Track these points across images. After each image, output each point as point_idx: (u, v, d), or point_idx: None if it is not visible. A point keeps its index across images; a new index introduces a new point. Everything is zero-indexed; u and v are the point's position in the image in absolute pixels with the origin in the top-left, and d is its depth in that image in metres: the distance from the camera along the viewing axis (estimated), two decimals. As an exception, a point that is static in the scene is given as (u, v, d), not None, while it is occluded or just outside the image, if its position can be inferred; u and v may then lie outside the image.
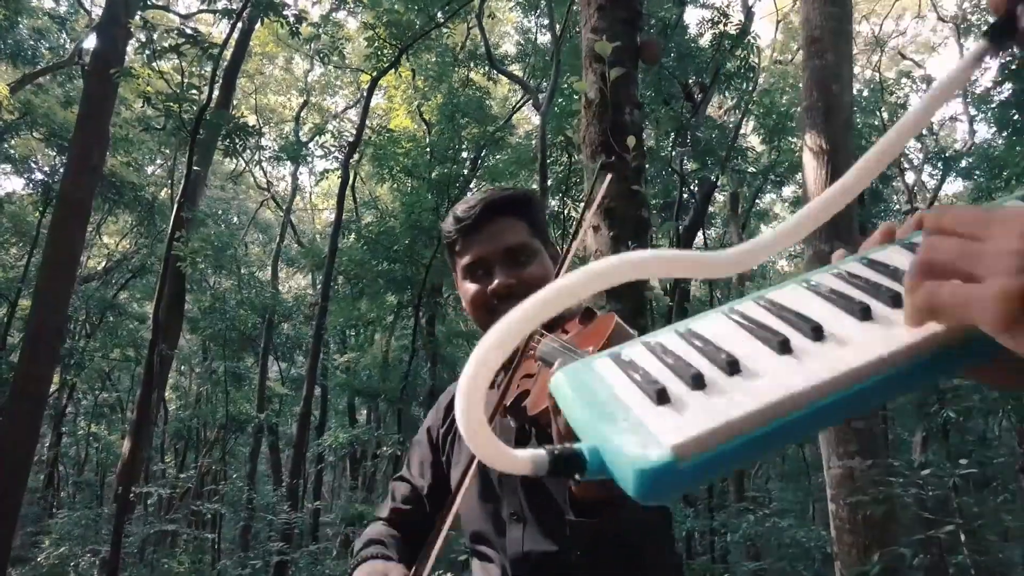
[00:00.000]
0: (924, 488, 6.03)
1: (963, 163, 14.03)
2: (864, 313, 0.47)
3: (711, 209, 16.20)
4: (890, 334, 0.45)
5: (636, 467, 0.40)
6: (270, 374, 19.76)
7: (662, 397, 0.43)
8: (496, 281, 1.36)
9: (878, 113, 14.59)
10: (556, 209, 12.43)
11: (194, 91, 8.77)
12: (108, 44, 9.82)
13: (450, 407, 1.58)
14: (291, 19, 9.03)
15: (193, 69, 10.18)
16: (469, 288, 1.42)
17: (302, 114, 20.05)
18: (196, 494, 15.82)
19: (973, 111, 15.71)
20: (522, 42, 17.06)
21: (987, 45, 0.52)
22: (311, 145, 15.55)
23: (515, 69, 16.29)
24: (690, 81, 12.75)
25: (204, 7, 13.41)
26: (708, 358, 0.46)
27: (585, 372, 0.50)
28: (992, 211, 0.43)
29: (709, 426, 0.41)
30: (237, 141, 9.37)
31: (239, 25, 10.51)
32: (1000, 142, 12.15)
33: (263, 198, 22.04)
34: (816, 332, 0.46)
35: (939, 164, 15.16)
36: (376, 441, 17.31)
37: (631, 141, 4.87)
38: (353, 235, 15.05)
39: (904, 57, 19.67)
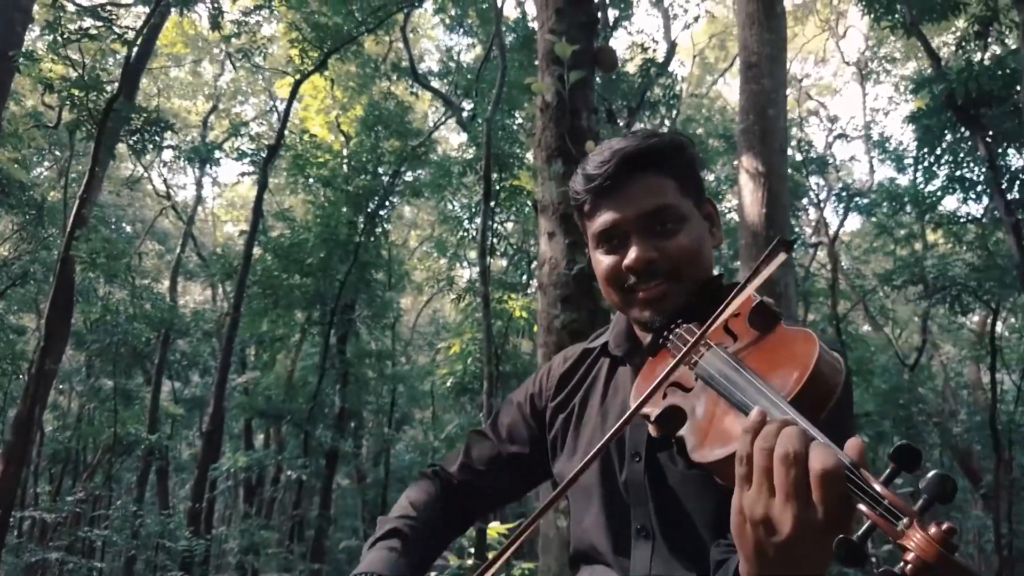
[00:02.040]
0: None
1: (864, 200, 14.79)
2: None
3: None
4: None
5: None
6: (162, 393, 18.51)
7: None
8: (633, 254, 1.10)
9: (788, 148, 15.22)
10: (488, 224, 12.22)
11: (98, 82, 8.06)
12: (5, 27, 8.94)
13: (566, 377, 1.31)
14: (210, 11, 8.49)
15: (96, 62, 9.41)
16: (601, 260, 1.15)
17: (210, 120, 19.11)
18: (75, 521, 14.49)
19: (874, 152, 16.68)
20: (445, 60, 16.93)
21: None
22: (225, 148, 14.76)
23: (437, 86, 16.11)
24: (616, 105, 12.90)
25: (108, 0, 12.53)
26: None
27: None
28: None
29: None
30: (147, 137, 8.66)
31: (150, 18, 9.82)
32: (900, 182, 12.88)
33: (162, 206, 20.79)
34: None
35: (842, 201, 15.95)
36: (278, 465, 16.45)
37: (589, 146, 4.71)
38: (261, 248, 14.36)
39: (810, 97, 20.77)
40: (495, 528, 4.78)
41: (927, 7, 8.90)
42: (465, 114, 14.60)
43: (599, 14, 14.00)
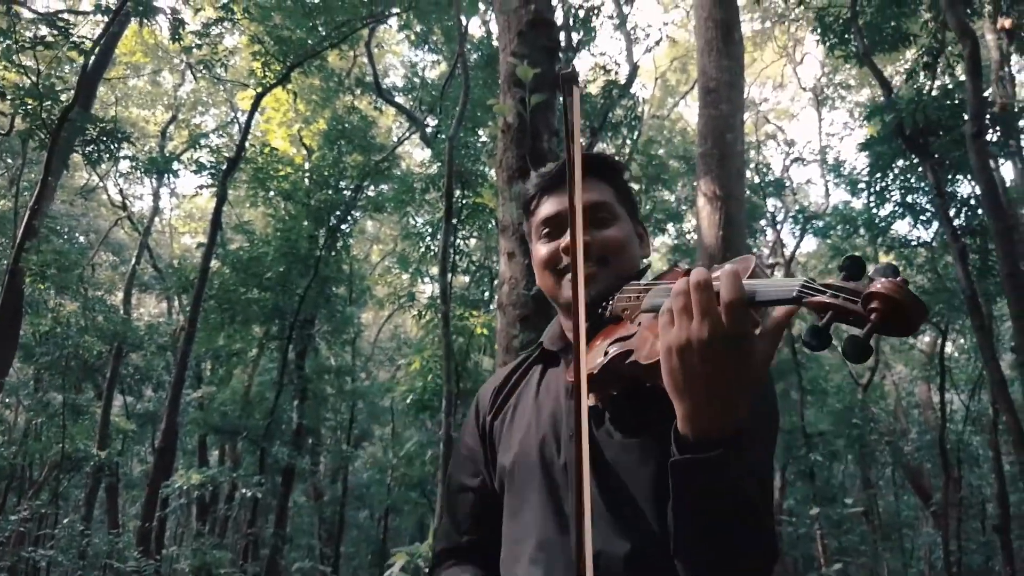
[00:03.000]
0: (807, 527, 6.25)
1: (820, 223, 15.13)
2: None
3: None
4: None
5: None
6: (113, 408, 18.02)
7: None
8: (568, 237, 1.19)
9: (746, 171, 15.54)
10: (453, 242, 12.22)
11: (51, 93, 7.88)
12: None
13: (500, 389, 1.39)
14: (171, 22, 8.37)
15: (52, 69, 9.21)
16: (540, 248, 1.29)
17: (169, 130, 18.80)
18: (19, 540, 13.98)
19: (829, 176, 17.12)
20: (409, 75, 16.94)
21: None
22: (183, 159, 14.52)
23: (401, 101, 16.09)
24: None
25: (68, 6, 12.28)
26: None
27: None
28: None
29: None
30: (102, 148, 8.47)
31: (108, 28, 9.64)
32: (854, 205, 13.21)
33: (117, 217, 20.34)
34: None
35: (798, 223, 16.30)
36: (232, 483, 16.11)
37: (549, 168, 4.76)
38: (219, 261, 14.12)
39: (768, 121, 21.26)
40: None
41: (879, 38, 9.21)
42: (429, 130, 14.61)
43: (562, 37, 14.22)
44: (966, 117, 5.46)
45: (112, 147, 8.92)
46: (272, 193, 13.80)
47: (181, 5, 9.34)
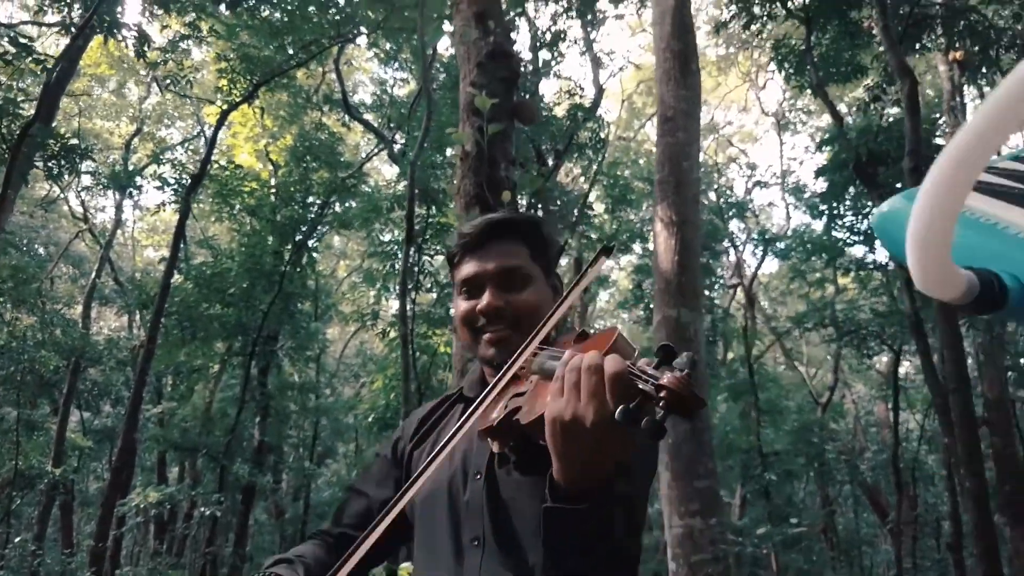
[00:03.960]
0: (756, 546, 6.38)
1: (781, 245, 15.48)
2: None
3: (557, 270, 16.69)
4: None
5: None
6: (70, 423, 17.65)
7: None
8: (485, 300, 1.33)
9: (709, 193, 15.84)
10: (412, 260, 12.26)
11: (12, 106, 7.81)
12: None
13: (424, 420, 1.50)
14: (135, 40, 8.34)
15: (14, 80, 9.11)
16: (460, 304, 1.39)
17: (133, 143, 18.59)
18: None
19: (790, 199, 17.54)
20: (378, 93, 17.00)
21: None
22: (144, 174, 14.39)
23: (370, 118, 16.14)
24: (544, 147, 13.21)
25: (30, 19, 12.12)
26: None
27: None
28: None
29: None
30: (63, 163, 8.39)
31: (73, 42, 9.57)
32: (814, 228, 13.56)
33: (79, 229, 20.02)
34: None
35: (759, 245, 16.64)
36: (191, 501, 15.86)
37: (506, 196, 4.87)
38: (182, 276, 13.98)
39: (731, 144, 21.69)
40: (406, 569, 4.79)
41: (833, 69, 9.54)
42: (397, 148, 14.68)
43: (529, 59, 14.44)
44: (906, 153, 5.72)
45: (74, 162, 8.84)
46: (237, 208, 13.72)
47: (147, 22, 9.28)
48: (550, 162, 13.55)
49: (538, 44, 13.66)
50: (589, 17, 13.71)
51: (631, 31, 21.26)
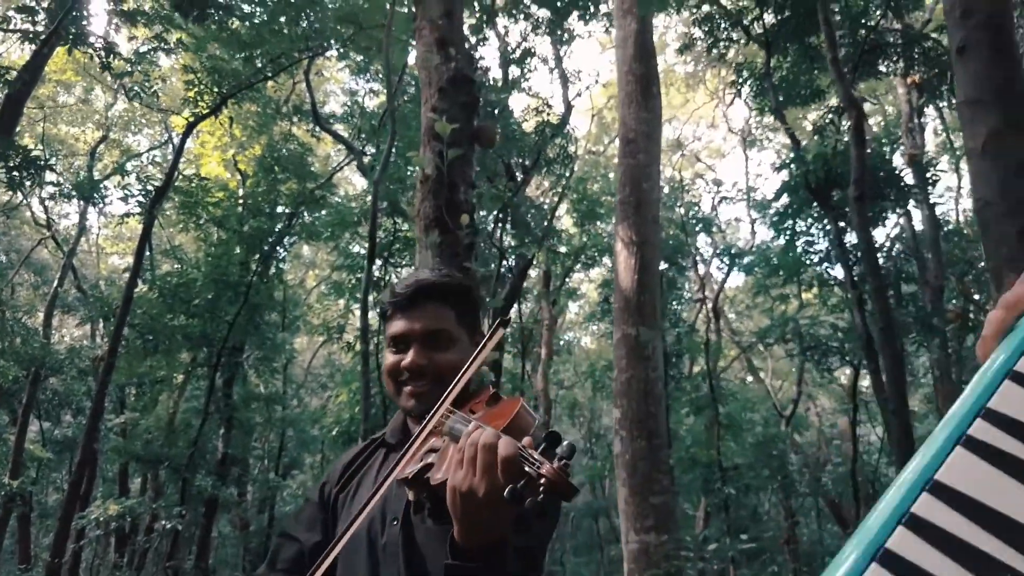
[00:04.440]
0: (709, 561, 6.50)
1: (746, 260, 15.73)
2: None
3: (525, 284, 16.81)
4: None
5: None
6: (29, 434, 17.32)
7: None
8: (409, 358, 1.44)
9: (676, 209, 16.07)
10: (378, 275, 12.27)
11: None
12: None
13: (348, 466, 1.59)
14: (101, 52, 8.30)
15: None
16: (388, 358, 1.50)
17: (99, 149, 18.36)
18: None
19: (755, 214, 17.84)
20: (348, 104, 17.00)
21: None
22: (108, 184, 14.22)
23: (340, 129, 16.13)
24: (513, 162, 13.33)
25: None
26: None
27: None
28: None
29: None
30: (24, 174, 8.31)
31: (37, 54, 9.48)
32: (776, 245, 13.81)
33: (41, 236, 19.70)
34: None
35: (725, 260, 16.90)
36: (152, 514, 15.63)
37: (464, 219, 4.96)
38: (146, 285, 13.83)
39: (699, 160, 22.04)
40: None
41: (794, 92, 9.80)
42: (367, 159, 14.69)
43: (499, 75, 14.59)
44: (852, 181, 5.93)
45: (36, 172, 8.75)
46: (204, 219, 13.63)
47: (113, 31, 9.24)
48: (519, 176, 13.68)
49: (508, 60, 13.81)
50: (559, 33, 13.88)
51: (601, 47, 21.54)
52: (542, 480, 0.96)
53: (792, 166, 9.29)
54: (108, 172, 16.53)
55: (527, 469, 0.99)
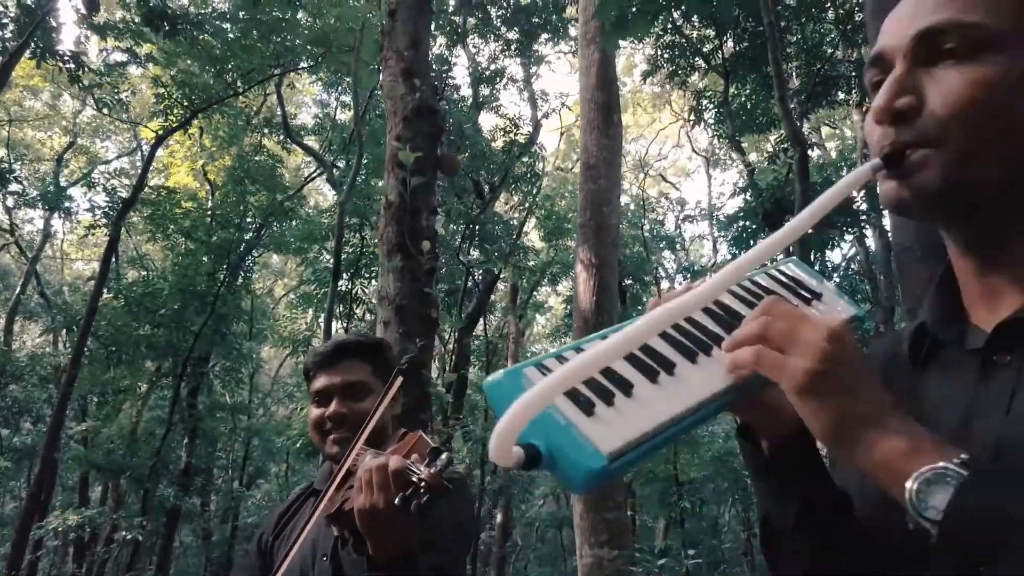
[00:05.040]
0: (663, 574, 6.74)
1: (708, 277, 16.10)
2: (708, 350, 0.70)
3: (492, 298, 17.01)
4: (719, 372, 0.68)
5: (583, 469, 0.58)
6: (-13, 442, 17.07)
7: (589, 411, 0.62)
8: (331, 408, 1.63)
9: (640, 226, 16.43)
10: (345, 288, 12.39)
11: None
12: None
13: (282, 515, 1.78)
14: (71, 65, 8.36)
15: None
16: (312, 411, 1.68)
17: (66, 156, 18.22)
18: None
19: (716, 233, 18.28)
20: (320, 116, 17.09)
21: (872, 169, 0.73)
22: (74, 192, 14.16)
23: (311, 141, 16.21)
24: (481, 179, 13.56)
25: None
26: (614, 383, 0.65)
27: (518, 379, 0.67)
28: (806, 314, 0.65)
29: (627, 438, 0.61)
30: (-11, 185, 8.31)
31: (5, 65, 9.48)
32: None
33: (4, 242, 19.45)
34: (668, 369, 0.68)
35: (688, 276, 17.30)
36: (112, 524, 15.49)
37: (426, 245, 5.17)
38: (111, 294, 13.76)
39: (665, 179, 22.50)
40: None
41: (751, 120, 10.18)
42: (336, 172, 14.80)
43: (468, 94, 14.85)
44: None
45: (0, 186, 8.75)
46: (171, 230, 13.61)
47: (84, 39, 9.28)
48: (487, 193, 13.92)
49: (479, 79, 14.07)
50: (528, 55, 14.17)
51: (571, 67, 21.90)
52: (423, 484, 1.18)
53: (747, 193, 9.65)
54: (75, 179, 16.43)
55: (413, 479, 1.20)
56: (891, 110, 0.69)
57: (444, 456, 1.20)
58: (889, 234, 14.27)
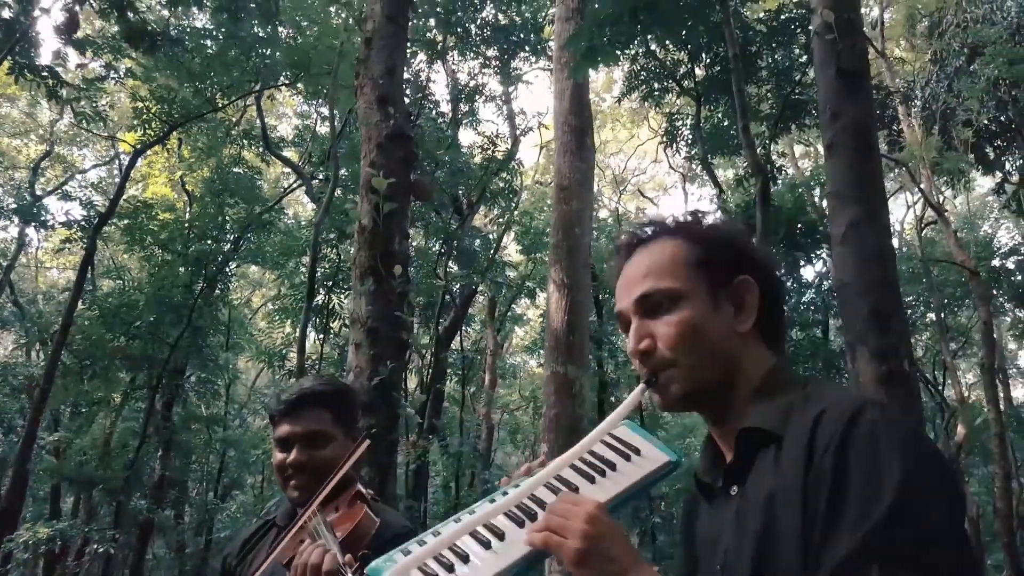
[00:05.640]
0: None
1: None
2: (521, 525, 0.97)
3: (471, 311, 17.13)
4: (523, 541, 0.95)
5: None
6: (-45, 453, 16.84)
7: None
8: (291, 456, 1.73)
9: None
10: (321, 302, 12.44)
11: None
12: None
13: (246, 541, 1.89)
14: (49, 81, 8.40)
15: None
16: (276, 455, 1.78)
17: (43, 164, 18.09)
18: None
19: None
20: (300, 128, 17.13)
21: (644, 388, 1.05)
22: (49, 202, 14.08)
23: (291, 153, 16.24)
24: (460, 194, 13.70)
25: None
26: (456, 555, 0.94)
27: (391, 560, 0.96)
28: (577, 505, 0.93)
29: None
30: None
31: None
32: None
33: (-23, 250, 19.24)
34: (501, 537, 0.95)
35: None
36: (84, 537, 15.35)
37: (398, 269, 5.28)
38: (86, 305, 13.69)
39: (643, 195, 22.77)
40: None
41: (719, 144, 10.43)
42: (315, 183, 14.83)
43: (448, 110, 14.98)
44: (756, 237, 6.43)
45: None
46: (148, 242, 13.59)
47: (63, 53, 9.27)
48: (465, 207, 14.06)
49: (459, 96, 14.22)
50: (507, 73, 14.35)
51: (550, 82, 22.09)
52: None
53: (717, 215, 9.86)
54: (50, 188, 16.33)
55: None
56: (637, 352, 1.03)
57: (371, 565, 1.36)
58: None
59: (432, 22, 13.46)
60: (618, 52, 6.32)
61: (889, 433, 0.84)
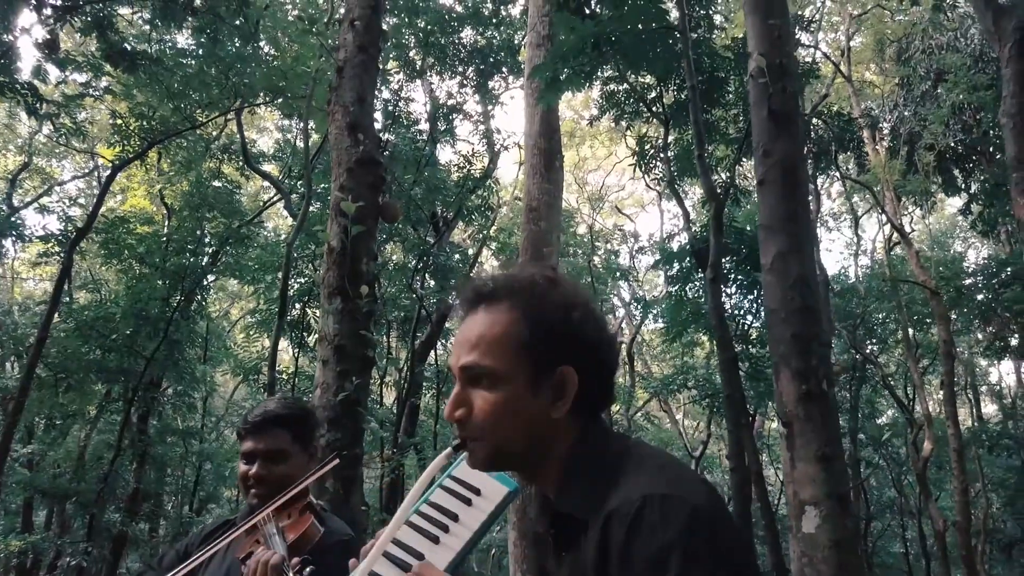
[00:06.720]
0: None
1: (658, 308, 16.69)
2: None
3: (447, 326, 17.31)
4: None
5: None
6: (-72, 465, 16.70)
7: None
8: (253, 470, 1.97)
9: (590, 260, 16.94)
10: (297, 316, 12.61)
11: None
12: None
13: (207, 537, 2.09)
14: (29, 98, 8.55)
15: None
16: (240, 467, 2.03)
17: (20, 176, 18.12)
18: None
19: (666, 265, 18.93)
20: (280, 142, 17.30)
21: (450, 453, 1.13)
22: (26, 214, 14.12)
23: (271, 167, 16.40)
24: (437, 210, 13.93)
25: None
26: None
27: None
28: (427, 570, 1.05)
29: None
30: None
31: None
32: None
33: (-47, 260, 19.18)
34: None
35: (640, 307, 17.85)
36: (57, 550, 15.30)
37: (364, 289, 5.50)
38: (62, 318, 13.73)
39: (620, 212, 23.16)
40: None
41: (686, 167, 10.76)
42: (295, 197, 14.98)
43: (426, 128, 15.24)
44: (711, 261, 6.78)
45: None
46: (125, 255, 13.66)
47: (43, 69, 9.40)
48: (441, 224, 14.30)
49: (436, 115, 14.49)
50: (485, 92, 14.65)
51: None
52: None
53: (683, 235, 10.21)
54: (28, 200, 16.36)
55: None
56: (452, 418, 1.11)
57: (309, 569, 1.59)
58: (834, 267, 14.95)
59: (412, 40, 13.75)
60: (583, 80, 6.60)
61: (666, 531, 0.89)
